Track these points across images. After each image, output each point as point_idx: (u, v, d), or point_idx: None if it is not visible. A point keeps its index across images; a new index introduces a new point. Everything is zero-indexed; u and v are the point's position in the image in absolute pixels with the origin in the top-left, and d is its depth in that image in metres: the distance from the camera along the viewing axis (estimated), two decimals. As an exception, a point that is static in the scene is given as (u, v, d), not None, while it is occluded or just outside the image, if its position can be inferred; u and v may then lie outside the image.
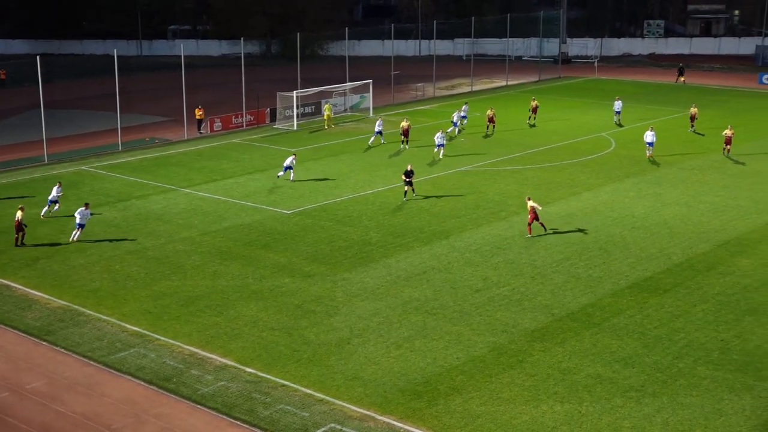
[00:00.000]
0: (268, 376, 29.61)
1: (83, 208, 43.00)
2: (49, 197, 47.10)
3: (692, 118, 69.87)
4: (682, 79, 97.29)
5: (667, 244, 42.95)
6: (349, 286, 37.49)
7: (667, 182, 53.93)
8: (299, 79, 77.11)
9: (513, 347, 31.87)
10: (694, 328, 33.43)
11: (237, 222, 46.45)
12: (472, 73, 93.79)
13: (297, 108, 73.18)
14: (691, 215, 47.50)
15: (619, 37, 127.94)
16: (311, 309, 35.18)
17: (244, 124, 72.39)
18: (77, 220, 42.89)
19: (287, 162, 54.00)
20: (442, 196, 51.07)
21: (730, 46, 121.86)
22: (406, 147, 62.86)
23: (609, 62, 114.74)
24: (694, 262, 40.47)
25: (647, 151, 59.75)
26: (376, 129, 64.90)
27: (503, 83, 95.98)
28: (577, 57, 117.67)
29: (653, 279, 38.35)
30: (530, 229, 43.74)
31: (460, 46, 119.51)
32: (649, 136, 59.69)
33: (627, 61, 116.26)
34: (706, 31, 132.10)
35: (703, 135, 67.74)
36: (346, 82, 79.37)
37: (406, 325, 33.62)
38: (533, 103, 73.61)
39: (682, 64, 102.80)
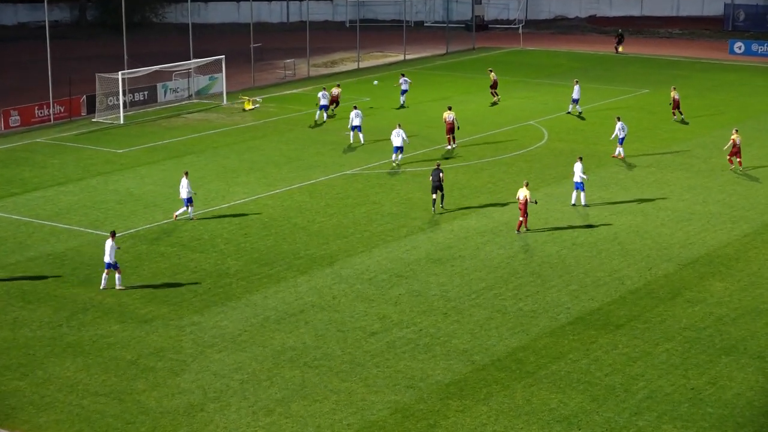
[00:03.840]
0: (93, 459, 29.17)
1: None
2: None
3: (676, 104, 69.73)
4: (621, 48, 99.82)
5: (618, 264, 43.81)
6: (201, 334, 37.17)
7: (617, 184, 55.08)
8: (126, 56, 76.29)
9: (422, 407, 31.99)
10: (657, 374, 34.12)
11: (45, 251, 45.68)
12: (359, 45, 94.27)
13: (124, 95, 72.34)
14: (648, 226, 48.56)
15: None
16: (150, 366, 34.76)
17: (52, 117, 71.26)
18: None
19: (183, 192, 49.65)
20: (322, 209, 51.09)
21: (691, 5, 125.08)
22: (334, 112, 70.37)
23: (537, 28, 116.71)
24: (654, 287, 41.36)
25: (617, 150, 59.76)
26: (321, 102, 70.34)
27: (400, 57, 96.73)
28: (495, 22, 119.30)
29: (602, 311, 39.04)
30: (525, 224, 47.31)
31: (341, 10, 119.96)
32: (619, 130, 59.38)
33: (560, 27, 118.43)
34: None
35: (687, 123, 69.03)
36: (190, 59, 78.79)
37: (279, 383, 33.48)
38: (492, 76, 76.93)
39: (620, 30, 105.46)
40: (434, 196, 50.88)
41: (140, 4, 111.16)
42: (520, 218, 47.51)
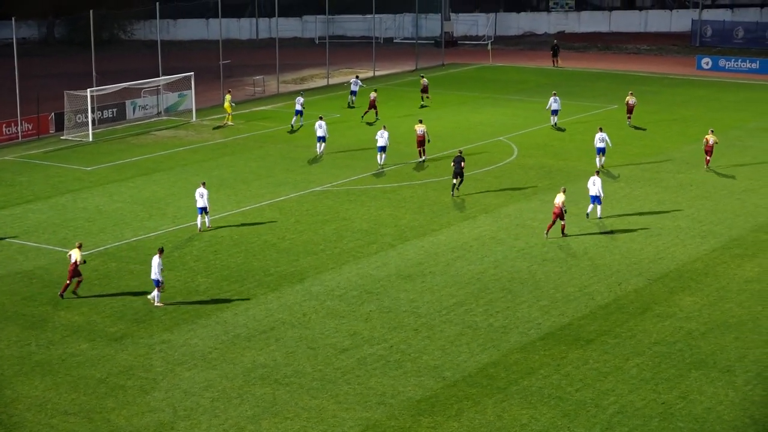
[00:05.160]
0: (62, 479, 29.01)
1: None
2: None
3: (629, 109, 73.48)
4: (557, 60, 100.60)
5: (588, 280, 43.95)
6: (171, 351, 37.04)
7: (586, 199, 55.15)
8: (95, 74, 76.08)
9: (393, 424, 31.97)
10: (628, 389, 34.23)
11: (12, 269, 45.43)
12: (328, 61, 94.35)
13: (92, 112, 72.13)
14: (617, 241, 48.76)
15: (518, 11, 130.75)
16: (119, 384, 34.60)
17: (20, 135, 70.94)
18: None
19: (199, 199, 50.25)
20: (292, 226, 51.05)
21: (659, 21, 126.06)
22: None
23: (506, 44, 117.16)
24: (624, 302, 41.51)
25: (597, 161, 60.72)
26: (297, 107, 73.41)
27: (369, 74, 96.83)
28: (465, 38, 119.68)
29: (573, 326, 39.15)
30: (549, 228, 48.46)
31: (311, 26, 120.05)
32: (598, 141, 60.62)
33: (529, 43, 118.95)
34: (629, 3, 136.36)
35: (645, 129, 70.39)
36: (159, 76, 78.64)
37: (250, 401, 33.40)
38: (423, 82, 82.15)
39: (556, 41, 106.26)
40: (454, 181, 55.58)
41: (109, 21, 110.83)
42: (562, 222, 48.59)
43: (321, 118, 65.78)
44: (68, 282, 42.06)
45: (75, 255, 41.85)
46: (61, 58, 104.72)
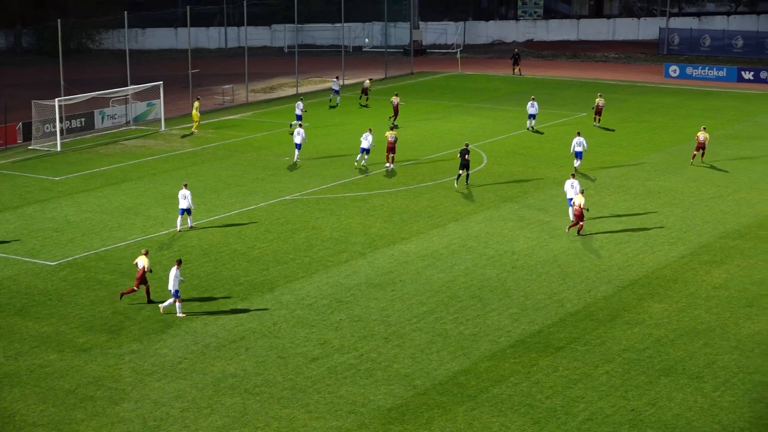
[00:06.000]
0: (31, 491, 28.87)
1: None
2: None
3: (598, 110, 75.71)
4: (518, 69, 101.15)
5: (558, 287, 44.07)
6: (140, 362, 36.91)
7: (556, 207, 55.42)
8: (63, 83, 75.82)
9: (364, 433, 31.99)
10: (597, 396, 34.33)
11: (-19, 280, 45.19)
12: (298, 70, 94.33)
13: (61, 122, 71.85)
14: (586, 249, 48.92)
15: (487, 20, 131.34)
16: (88, 395, 34.46)
17: (-12, 145, 70.64)
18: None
19: (182, 200, 51.20)
20: (262, 235, 50.98)
21: (627, 29, 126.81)
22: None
23: (475, 52, 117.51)
24: (594, 309, 41.65)
25: (575, 164, 62.59)
26: (297, 112, 75.37)
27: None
28: (434, 46, 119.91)
29: (542, 334, 39.24)
30: (579, 228, 50.13)
31: (280, 35, 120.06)
32: (576, 145, 62.39)
33: (498, 51, 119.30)
34: (597, 11, 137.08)
35: (613, 130, 71.50)
36: (127, 86, 78.43)
37: (220, 411, 33.31)
38: (366, 83, 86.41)
39: (517, 49, 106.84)
40: (460, 172, 58.99)
41: (77, 30, 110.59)
42: (580, 222, 50.07)
43: (300, 126, 66.39)
44: (135, 288, 42.09)
45: (142, 262, 41.86)
46: (28, 67, 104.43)
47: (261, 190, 59.01)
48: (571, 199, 51.65)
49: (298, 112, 75.33)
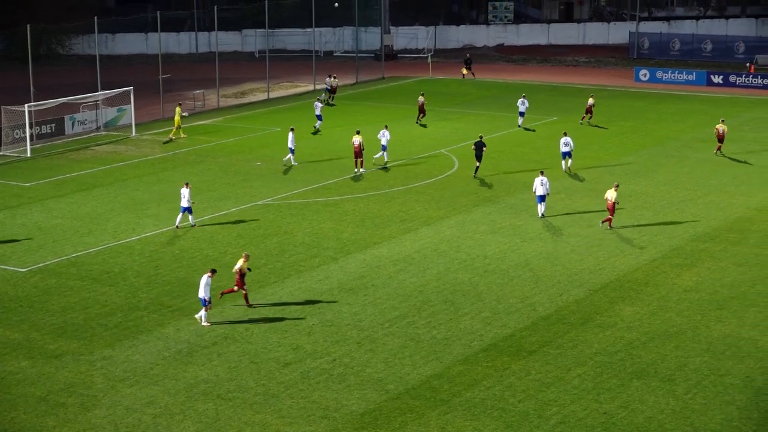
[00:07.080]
0: (3, 499, 28.73)
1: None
2: None
3: (588, 109, 78.39)
4: (468, 72, 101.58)
5: (530, 291, 44.16)
6: (112, 368, 36.77)
7: (527, 210, 55.54)
8: (32, 89, 75.51)
9: (337, 438, 31.95)
10: (570, 399, 34.41)
11: (-49, 287, 44.94)
12: (269, 74, 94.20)
13: (31, 127, 71.54)
14: (558, 252, 49.04)
15: (457, 24, 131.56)
16: (60, 402, 34.30)
17: (-43, 151, 70.30)
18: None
19: (184, 201, 52.67)
20: (234, 240, 50.90)
21: (597, 33, 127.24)
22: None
23: (446, 57, 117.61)
24: (566, 313, 41.75)
25: (563, 164, 63.55)
26: (317, 112, 77.80)
27: (310, 87, 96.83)
28: (404, 51, 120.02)
29: (515, 338, 39.30)
30: (610, 223, 52.08)
31: (250, 40, 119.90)
32: (563, 145, 63.40)
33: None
34: (567, 16, 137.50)
35: (605, 128, 73.68)
36: (98, 91, 78.17)
37: (192, 417, 33.22)
38: (333, 82, 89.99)
39: (469, 54, 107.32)
40: (478, 164, 62.17)
41: (46, 35, 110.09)
42: (610, 216, 52.09)
43: (292, 130, 66.45)
44: (234, 289, 42.40)
45: (239, 264, 42.17)
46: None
47: (233, 195, 58.92)
48: (541, 196, 52.90)
49: (318, 112, 77.67)
